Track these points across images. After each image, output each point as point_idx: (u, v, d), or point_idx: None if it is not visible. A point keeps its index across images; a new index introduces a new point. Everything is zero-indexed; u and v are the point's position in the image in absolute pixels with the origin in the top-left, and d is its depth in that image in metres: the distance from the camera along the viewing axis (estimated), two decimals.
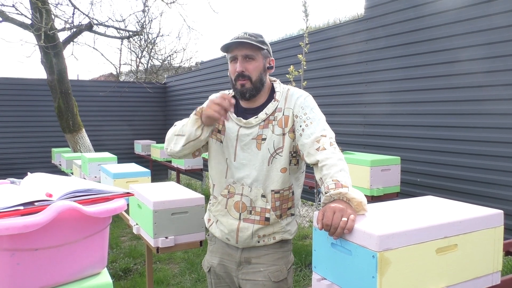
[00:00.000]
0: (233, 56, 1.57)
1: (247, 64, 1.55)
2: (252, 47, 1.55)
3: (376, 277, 1.00)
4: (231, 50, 1.57)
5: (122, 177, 3.00)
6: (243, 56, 1.55)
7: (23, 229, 0.70)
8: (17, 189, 0.88)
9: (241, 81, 1.55)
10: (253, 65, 1.55)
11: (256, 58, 1.56)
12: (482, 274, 1.19)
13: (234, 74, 1.57)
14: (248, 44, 1.53)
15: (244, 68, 1.55)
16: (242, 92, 1.57)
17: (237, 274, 1.64)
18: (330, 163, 1.35)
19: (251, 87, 1.56)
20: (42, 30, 5.09)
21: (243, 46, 1.54)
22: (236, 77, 1.57)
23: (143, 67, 12.89)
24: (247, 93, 1.56)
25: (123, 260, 4.04)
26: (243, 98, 1.59)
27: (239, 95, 1.60)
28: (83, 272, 0.84)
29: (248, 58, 1.55)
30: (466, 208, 1.25)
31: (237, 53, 1.55)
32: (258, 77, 1.57)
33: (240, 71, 1.54)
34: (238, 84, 1.57)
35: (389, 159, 3.18)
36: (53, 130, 7.39)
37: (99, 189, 0.85)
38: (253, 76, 1.56)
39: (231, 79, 1.61)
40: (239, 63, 1.55)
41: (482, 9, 3.09)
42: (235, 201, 1.58)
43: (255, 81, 1.56)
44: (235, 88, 1.60)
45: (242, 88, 1.56)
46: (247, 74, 1.55)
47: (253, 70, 1.55)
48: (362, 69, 4.18)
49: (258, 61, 1.57)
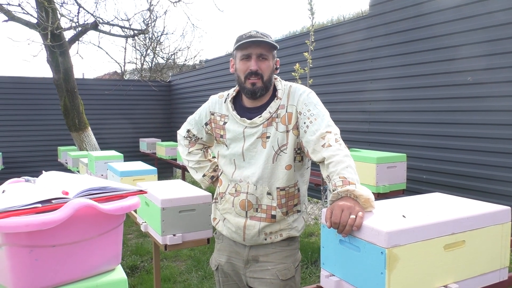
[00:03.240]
0: (247, 54, 1.55)
1: (261, 63, 1.55)
2: (267, 46, 1.55)
3: (384, 273, 1.01)
4: (244, 47, 1.55)
5: (129, 175, 3.03)
6: (257, 55, 1.55)
7: (41, 226, 0.72)
8: (33, 187, 0.90)
9: (253, 79, 1.55)
10: (266, 64, 1.56)
11: (269, 58, 1.57)
12: (490, 270, 1.20)
13: (245, 72, 1.56)
14: (264, 43, 1.53)
15: (258, 67, 1.55)
16: (253, 91, 1.56)
17: (245, 272, 1.65)
18: (336, 160, 1.35)
19: (262, 86, 1.56)
20: (49, 29, 5.12)
21: (258, 45, 1.54)
22: (247, 75, 1.55)
23: (147, 66, 12.94)
24: (258, 92, 1.56)
25: (130, 257, 4.07)
26: (253, 97, 1.58)
27: (249, 94, 1.58)
28: (99, 268, 0.86)
29: (262, 58, 1.56)
30: (473, 204, 1.26)
31: (252, 52, 1.54)
32: (269, 77, 1.58)
33: (255, 70, 1.54)
34: (249, 83, 1.56)
35: (395, 156, 3.19)
36: (59, 128, 7.44)
37: (113, 187, 0.87)
38: (265, 76, 1.56)
39: (238, 77, 1.60)
40: (254, 61, 1.54)
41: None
42: (241, 200, 1.59)
43: (266, 80, 1.57)
44: (244, 87, 1.58)
45: (253, 87, 1.56)
46: (260, 73, 1.55)
47: (266, 69, 1.56)
48: (367, 66, 4.18)
49: (270, 61, 1.58)
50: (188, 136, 1.83)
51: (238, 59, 1.60)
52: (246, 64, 1.56)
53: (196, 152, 1.83)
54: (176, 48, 16.20)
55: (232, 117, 1.64)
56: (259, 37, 1.53)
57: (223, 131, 1.66)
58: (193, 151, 1.83)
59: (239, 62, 1.59)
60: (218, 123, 1.68)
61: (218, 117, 1.69)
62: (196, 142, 1.83)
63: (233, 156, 1.62)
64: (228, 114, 1.66)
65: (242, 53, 1.56)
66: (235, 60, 1.62)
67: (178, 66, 13.21)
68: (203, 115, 1.75)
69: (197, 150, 1.83)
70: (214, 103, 1.72)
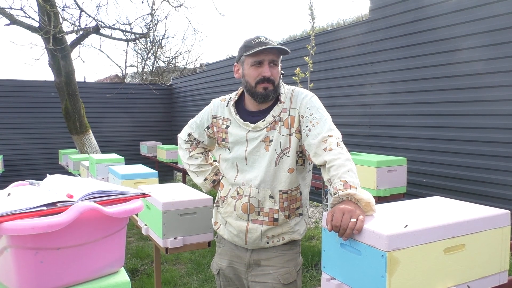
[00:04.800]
0: (259, 60, 1.56)
1: (272, 69, 1.57)
2: (277, 52, 1.57)
3: (385, 277, 1.02)
4: (256, 54, 1.55)
5: (130, 178, 3.03)
6: (269, 61, 1.56)
7: (47, 229, 0.73)
8: (38, 191, 0.91)
9: (266, 84, 1.56)
10: (276, 70, 1.59)
11: (278, 63, 1.60)
12: (490, 273, 1.21)
13: (256, 77, 1.56)
14: (276, 49, 1.55)
15: (270, 73, 1.57)
16: (266, 95, 1.57)
17: (246, 276, 1.65)
18: (337, 164, 1.36)
19: (273, 90, 1.58)
20: (51, 33, 5.14)
21: (269, 51, 1.55)
22: (259, 81, 1.56)
23: (148, 69, 12.97)
24: (270, 96, 1.58)
25: (131, 260, 4.07)
26: (265, 100, 1.59)
27: (261, 98, 1.58)
28: (102, 271, 0.87)
29: (273, 64, 1.58)
30: (473, 208, 1.27)
31: (264, 58, 1.55)
32: (278, 82, 1.61)
33: (268, 76, 1.55)
34: (261, 88, 1.56)
35: (395, 160, 3.20)
36: (60, 131, 7.46)
37: (117, 190, 0.88)
38: (276, 81, 1.58)
39: (247, 82, 1.60)
40: (267, 68, 1.56)
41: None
42: (243, 203, 1.59)
43: (276, 85, 1.59)
44: (255, 92, 1.58)
45: (265, 91, 1.57)
46: (272, 79, 1.57)
47: (276, 75, 1.59)
48: (367, 70, 4.20)
49: (279, 67, 1.61)
50: (189, 139, 1.84)
51: (247, 65, 1.59)
52: (258, 70, 1.56)
53: (197, 156, 1.84)
54: (177, 52, 16.25)
55: (235, 121, 1.65)
56: (270, 44, 1.54)
57: (225, 134, 1.67)
58: (194, 155, 1.84)
59: (250, 68, 1.58)
60: (220, 126, 1.69)
61: (220, 120, 1.70)
62: (197, 146, 1.84)
63: (236, 159, 1.63)
64: (230, 117, 1.67)
65: (254, 59, 1.56)
66: (242, 66, 1.62)
67: (179, 70, 13.25)
68: (205, 119, 1.76)
69: (198, 154, 1.84)
70: (216, 106, 1.73)
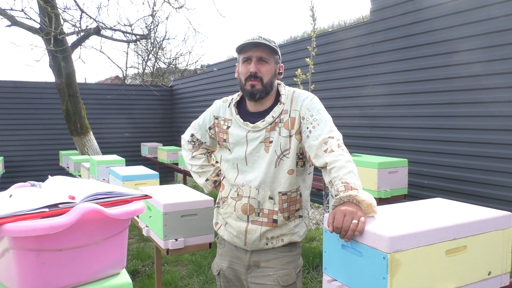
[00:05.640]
0: (247, 57, 1.58)
1: (260, 66, 1.57)
2: (267, 49, 1.57)
3: (386, 278, 1.01)
4: (245, 51, 1.58)
5: (131, 180, 3.03)
6: (257, 57, 1.57)
7: (49, 230, 0.73)
8: (40, 192, 0.91)
9: (252, 81, 1.57)
10: (266, 67, 1.58)
11: (269, 61, 1.59)
12: (491, 275, 1.21)
13: (246, 74, 1.59)
14: (264, 46, 1.56)
15: (257, 70, 1.57)
16: (252, 93, 1.58)
17: (246, 278, 1.65)
18: (338, 165, 1.35)
19: (261, 89, 1.58)
20: (52, 34, 5.15)
21: (258, 48, 1.56)
22: (247, 77, 1.58)
23: (149, 70, 12.99)
24: (257, 94, 1.58)
25: (131, 262, 4.07)
26: (253, 99, 1.59)
27: (248, 96, 1.60)
28: (104, 272, 0.87)
29: (262, 61, 1.57)
30: (474, 210, 1.27)
31: (252, 54, 1.57)
32: (269, 80, 1.59)
33: (253, 72, 1.56)
34: (248, 85, 1.58)
35: (396, 161, 3.19)
36: (61, 132, 7.46)
37: (118, 192, 0.88)
38: (265, 78, 1.58)
39: (240, 80, 1.63)
40: (253, 64, 1.57)
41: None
42: (243, 204, 1.59)
43: (266, 83, 1.58)
44: (244, 89, 1.60)
45: (252, 89, 1.57)
46: (260, 76, 1.57)
47: (266, 72, 1.58)
48: (368, 71, 4.20)
49: (271, 65, 1.60)
50: (192, 140, 1.84)
51: (240, 62, 1.63)
52: (247, 67, 1.59)
53: (199, 156, 1.85)
54: (178, 53, 16.26)
55: (235, 121, 1.65)
56: (258, 40, 1.55)
57: (226, 135, 1.67)
58: (196, 156, 1.85)
59: (241, 65, 1.62)
60: (222, 127, 1.70)
61: (222, 121, 1.70)
62: (200, 147, 1.84)
63: (236, 160, 1.63)
64: (231, 118, 1.67)
65: (243, 56, 1.60)
66: (239, 64, 1.65)
67: (180, 71, 13.26)
68: (207, 120, 1.77)
69: (201, 155, 1.85)
70: (218, 107, 1.74)
